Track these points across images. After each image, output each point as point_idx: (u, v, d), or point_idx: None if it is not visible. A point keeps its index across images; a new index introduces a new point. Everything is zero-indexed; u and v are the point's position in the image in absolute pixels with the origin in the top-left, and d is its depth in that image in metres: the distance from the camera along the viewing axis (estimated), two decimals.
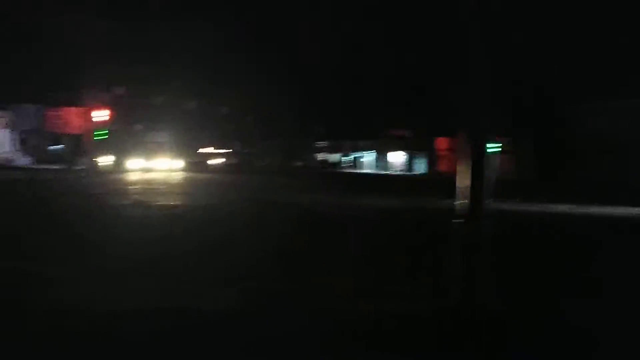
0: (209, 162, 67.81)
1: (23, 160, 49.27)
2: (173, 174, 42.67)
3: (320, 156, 72.55)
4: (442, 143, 53.73)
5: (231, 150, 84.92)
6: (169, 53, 44.33)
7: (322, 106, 59.77)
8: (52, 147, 62.71)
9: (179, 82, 47.65)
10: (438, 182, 24.81)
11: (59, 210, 14.88)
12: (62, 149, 65.89)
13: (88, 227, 11.30)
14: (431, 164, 55.13)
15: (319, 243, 10.00)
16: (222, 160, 72.13)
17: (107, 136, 41.03)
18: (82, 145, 45.79)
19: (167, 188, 25.53)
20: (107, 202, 17.24)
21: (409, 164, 59.62)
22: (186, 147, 64.92)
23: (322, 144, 72.30)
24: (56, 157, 60.20)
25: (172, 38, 44.44)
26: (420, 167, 58.01)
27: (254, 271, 7.38)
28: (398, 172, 57.62)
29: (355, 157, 70.83)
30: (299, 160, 72.29)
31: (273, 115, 63.36)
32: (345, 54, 52.94)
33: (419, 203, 19.86)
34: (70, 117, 44.44)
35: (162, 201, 17.66)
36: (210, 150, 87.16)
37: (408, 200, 20.38)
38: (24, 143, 52.89)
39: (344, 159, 72.25)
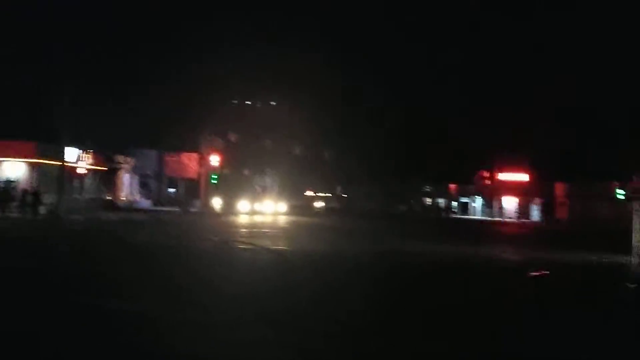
0: (314, 205, 69.44)
1: (143, 203, 52.99)
2: (279, 216, 44.18)
3: (426, 200, 71.63)
4: (560, 189, 51.70)
5: (333, 194, 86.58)
6: (279, 98, 46.66)
7: (428, 150, 59.39)
8: (169, 190, 67.28)
9: (287, 127, 49.67)
10: (566, 233, 23.22)
11: (185, 254, 15.91)
12: (176, 192, 70.50)
13: (215, 273, 11.96)
14: (547, 211, 52.33)
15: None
16: (323, 204, 73.52)
17: (217, 180, 43.36)
18: (196, 188, 48.66)
19: (280, 232, 26.49)
20: (226, 246, 18.24)
21: (523, 210, 56.67)
22: (290, 190, 67.17)
23: (426, 188, 71.44)
24: (172, 200, 64.43)
25: (279, 83, 46.78)
26: (535, 214, 55.21)
27: None
28: (512, 219, 55.02)
29: (461, 202, 69.13)
30: (403, 204, 71.98)
31: (376, 159, 63.97)
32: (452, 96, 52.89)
33: (574, 257, 17.36)
34: (187, 162, 47.57)
35: (277, 245, 18.39)
36: (313, 193, 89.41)
37: (554, 254, 18.56)
38: (144, 186, 57.06)
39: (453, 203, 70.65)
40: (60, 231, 21.30)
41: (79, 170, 32.61)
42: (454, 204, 71.02)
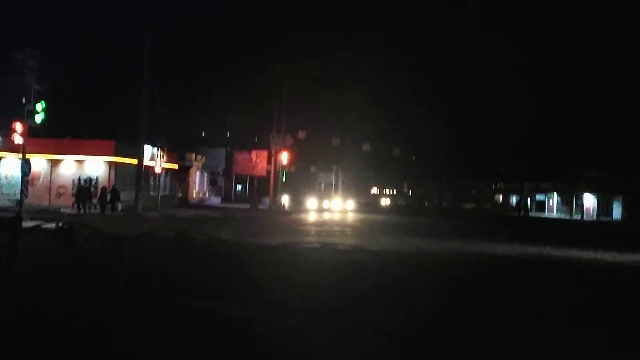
0: (380, 202, 68.70)
1: (213, 200, 53.92)
2: (348, 214, 43.80)
3: (498, 198, 69.36)
4: None
5: (399, 191, 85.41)
6: (347, 97, 46.32)
7: (500, 145, 57.37)
8: (237, 188, 68.38)
9: (356, 124, 49.19)
10: None
11: (265, 251, 15.64)
12: (242, 189, 71.56)
13: (301, 272, 11.53)
14: (631, 208, 48.98)
15: None
16: (389, 201, 72.57)
17: (287, 178, 43.40)
18: (264, 186, 48.92)
19: (353, 230, 26.03)
20: (306, 244, 17.88)
21: (604, 208, 53.37)
22: (355, 187, 66.67)
23: (500, 185, 69.14)
24: (241, 197, 65.35)
25: (351, 83, 46.42)
26: (617, 212, 51.94)
27: None
28: (594, 218, 52.01)
29: (536, 200, 66.33)
30: (472, 202, 70.02)
31: (445, 156, 62.44)
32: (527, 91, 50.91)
33: None
34: (256, 160, 47.93)
35: (356, 243, 17.87)
36: (378, 190, 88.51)
37: None
38: (213, 184, 58.10)
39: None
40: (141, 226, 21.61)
41: (155, 169, 33.23)
42: (529, 201, 68.35)
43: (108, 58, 39.19)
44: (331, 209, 47.40)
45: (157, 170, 33.12)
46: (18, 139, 19.40)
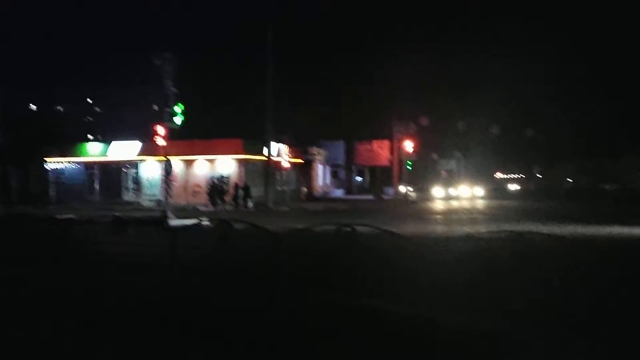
0: (509, 187, 65.19)
1: (337, 192, 54.01)
2: (478, 200, 41.72)
3: None
4: None
5: (527, 175, 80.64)
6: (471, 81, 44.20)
7: None
8: (356, 179, 68.21)
9: (481, 108, 46.77)
10: None
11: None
12: (363, 180, 71.23)
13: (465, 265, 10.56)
14: None
15: None
16: (518, 186, 68.58)
17: (411, 167, 42.24)
18: (387, 175, 48.11)
19: (496, 216, 24.37)
20: (447, 234, 16.82)
21: None
22: (479, 173, 63.75)
23: None
24: (363, 188, 65.12)
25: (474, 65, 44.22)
26: None
27: None
28: None
29: None
30: (612, 183, 64.10)
31: (580, 135, 57.75)
32: None
33: None
34: (378, 150, 47.22)
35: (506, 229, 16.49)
36: (503, 175, 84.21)
37: None
38: (335, 176, 58.27)
39: None
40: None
41: (283, 164, 33.67)
42: None
43: (230, 56, 40.30)
44: (459, 196, 45.49)
45: (285, 165, 33.51)
46: (161, 142, 20.22)
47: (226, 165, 35.11)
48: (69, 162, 35.23)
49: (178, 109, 20.36)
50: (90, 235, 15.98)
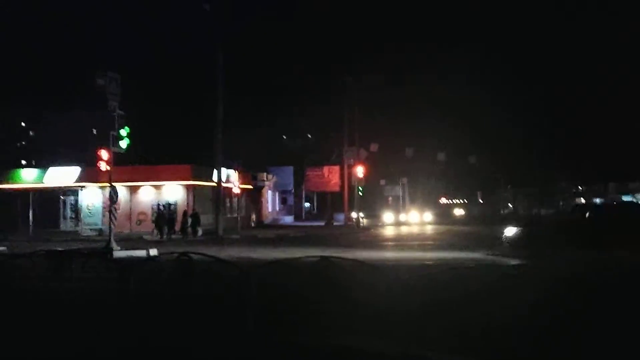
0: (454, 212, 65.96)
1: (286, 219, 53.08)
2: (428, 226, 41.82)
3: (579, 201, 65.23)
4: None
5: (469, 200, 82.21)
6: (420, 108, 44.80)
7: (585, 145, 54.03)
8: (305, 205, 67.49)
9: (430, 135, 47.38)
10: None
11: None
12: (309, 206, 70.60)
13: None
14: None
15: None
16: (463, 211, 69.65)
17: (361, 192, 41.95)
18: (335, 202, 47.62)
19: (448, 243, 24.09)
20: (408, 260, 16.31)
21: None
22: (423, 198, 64.40)
23: (579, 188, 65.16)
24: (310, 214, 64.39)
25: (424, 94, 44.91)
26: None
27: None
28: None
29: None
30: (550, 207, 66.18)
31: (521, 162, 59.36)
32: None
33: None
34: (330, 176, 46.75)
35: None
36: (450, 201, 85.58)
37: None
38: (283, 202, 57.39)
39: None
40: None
41: (234, 190, 32.53)
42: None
43: (178, 80, 39.16)
44: (408, 221, 45.52)
45: (236, 191, 32.42)
46: (104, 167, 18.88)
47: (173, 191, 33.64)
48: None
49: (124, 132, 19.14)
50: (23, 271, 14.36)
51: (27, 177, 33.81)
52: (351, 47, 50.31)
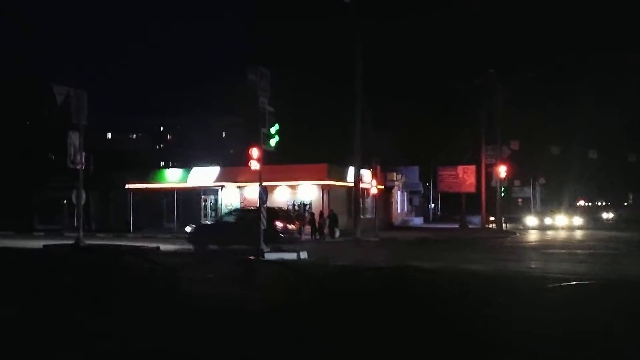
0: (603, 216, 60.33)
1: (416, 220, 51.11)
2: (578, 231, 37.96)
3: None
4: None
5: (615, 202, 74.97)
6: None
7: None
8: (430, 206, 64.97)
9: (580, 131, 43.14)
10: None
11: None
12: (435, 208, 67.84)
13: None
14: None
15: None
16: (612, 214, 63.40)
17: (503, 193, 38.97)
18: (472, 203, 44.86)
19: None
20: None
21: None
22: (560, 201, 59.25)
23: None
24: (439, 216, 61.78)
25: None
26: None
27: None
28: None
29: None
30: None
31: None
32: None
33: None
34: (464, 176, 44.09)
35: None
36: (588, 203, 78.58)
37: None
38: (411, 203, 55.41)
39: None
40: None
41: (372, 191, 31.33)
42: None
43: (313, 75, 38.64)
44: (555, 225, 41.70)
45: (374, 191, 31.17)
46: (255, 165, 18.35)
47: (308, 191, 33.11)
48: (147, 188, 34.23)
49: (274, 129, 18.51)
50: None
51: (171, 177, 34.98)
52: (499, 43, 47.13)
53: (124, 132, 68.45)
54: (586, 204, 78.60)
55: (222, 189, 33.86)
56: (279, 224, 21.33)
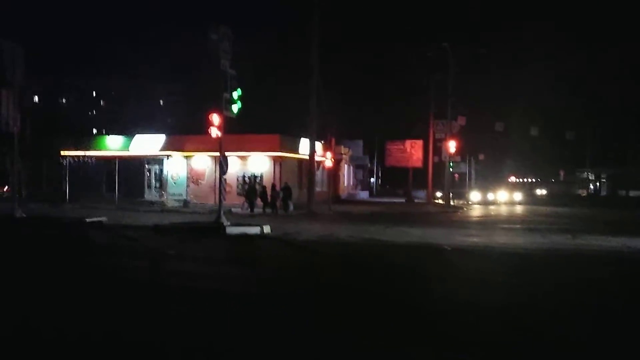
0: (537, 192, 62.50)
1: (362, 194, 51.07)
2: (518, 206, 38.99)
3: None
4: None
5: (545, 179, 77.92)
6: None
7: None
8: (371, 180, 65.25)
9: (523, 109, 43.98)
10: None
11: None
12: (375, 181, 68.22)
13: None
14: None
15: None
16: (545, 190, 65.86)
17: (452, 168, 39.31)
18: (417, 177, 45.13)
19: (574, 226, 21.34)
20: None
21: None
22: (490, 177, 60.93)
23: None
24: (382, 190, 62.15)
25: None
26: None
27: None
28: None
29: None
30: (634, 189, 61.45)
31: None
32: None
33: None
34: (412, 151, 44.16)
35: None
36: (518, 180, 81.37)
37: None
38: (356, 176, 55.32)
39: None
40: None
41: (326, 163, 30.61)
42: None
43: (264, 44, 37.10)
44: (497, 201, 42.72)
45: (328, 164, 30.50)
46: (215, 132, 17.12)
47: (259, 163, 31.99)
48: (85, 156, 31.99)
49: (236, 94, 17.30)
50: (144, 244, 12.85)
51: (112, 145, 32.85)
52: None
53: (54, 95, 64.24)
54: (517, 180, 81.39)
55: (167, 159, 32.15)
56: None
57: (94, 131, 60.78)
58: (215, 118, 17.07)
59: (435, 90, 39.27)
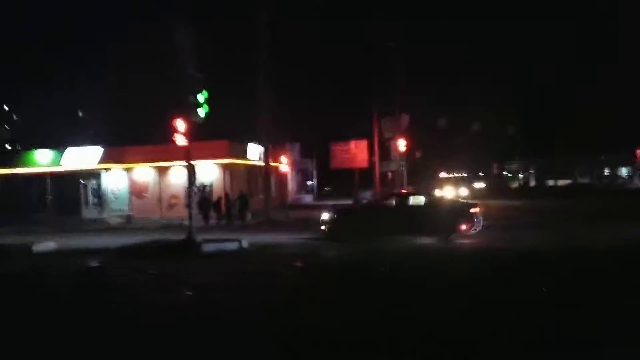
0: (475, 186, 63.73)
1: (306, 198, 49.94)
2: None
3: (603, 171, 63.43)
4: None
5: (475, 173, 79.94)
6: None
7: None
8: (308, 183, 64.12)
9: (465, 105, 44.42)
10: None
11: None
12: (312, 185, 67.25)
13: None
14: None
15: None
16: (483, 184, 67.40)
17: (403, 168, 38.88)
18: (363, 179, 44.52)
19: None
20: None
21: None
22: (424, 173, 61.73)
23: (600, 157, 63.16)
24: (327, 193, 61.12)
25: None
26: None
27: None
28: None
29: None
30: (566, 178, 64.25)
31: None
32: None
33: None
34: (356, 151, 43.33)
35: None
36: (450, 175, 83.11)
37: None
38: (304, 180, 54.30)
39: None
40: None
41: (282, 169, 29.16)
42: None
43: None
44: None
45: (284, 169, 29.07)
46: (182, 141, 15.38)
47: (208, 171, 30.05)
48: (11, 174, 28.84)
49: (202, 97, 15.64)
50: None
51: (42, 160, 29.80)
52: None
53: None
54: (448, 175, 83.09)
55: (106, 172, 29.55)
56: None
57: (6, 146, 56.20)
58: (181, 124, 15.33)
59: (377, 88, 38.73)
